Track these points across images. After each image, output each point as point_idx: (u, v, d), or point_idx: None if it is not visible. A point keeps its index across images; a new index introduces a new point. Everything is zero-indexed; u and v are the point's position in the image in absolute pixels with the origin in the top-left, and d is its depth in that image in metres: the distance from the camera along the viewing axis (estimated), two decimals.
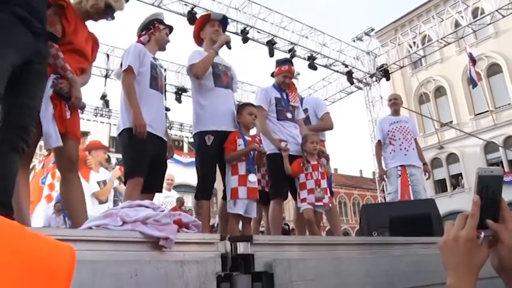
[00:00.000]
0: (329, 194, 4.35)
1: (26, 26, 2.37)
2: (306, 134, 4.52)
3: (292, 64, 4.86)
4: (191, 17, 12.53)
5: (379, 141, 6.23)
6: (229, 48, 4.11)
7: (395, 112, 6.32)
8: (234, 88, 4.26)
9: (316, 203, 4.21)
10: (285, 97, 4.61)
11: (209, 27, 4.20)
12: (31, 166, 3.38)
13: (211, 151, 3.82)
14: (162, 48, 3.97)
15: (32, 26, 2.41)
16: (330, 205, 4.37)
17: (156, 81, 3.74)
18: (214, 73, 4.02)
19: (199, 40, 4.32)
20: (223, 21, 4.35)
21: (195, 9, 12.64)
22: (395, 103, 6.34)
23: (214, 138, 3.83)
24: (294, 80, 4.91)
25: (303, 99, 5.29)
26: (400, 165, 5.82)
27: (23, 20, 2.36)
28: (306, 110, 5.17)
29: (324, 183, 4.29)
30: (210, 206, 3.99)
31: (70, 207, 3.07)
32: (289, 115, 4.54)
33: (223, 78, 4.08)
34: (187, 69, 4.07)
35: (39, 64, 2.46)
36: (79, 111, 3.12)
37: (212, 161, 3.85)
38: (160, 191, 3.95)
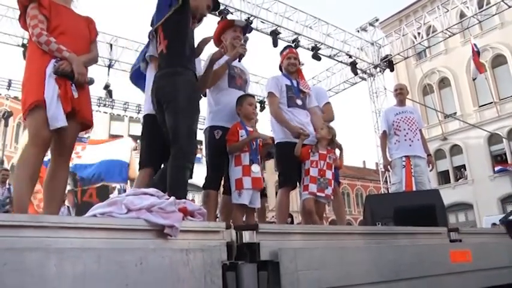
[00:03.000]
0: (333, 186, 4.31)
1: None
2: (322, 122, 4.52)
3: (292, 47, 4.91)
4: None
5: (384, 131, 6.19)
6: (239, 61, 4.12)
7: (401, 102, 6.26)
8: (247, 91, 4.33)
9: (318, 193, 4.18)
10: (295, 84, 4.59)
11: (231, 32, 4.29)
12: None
13: (219, 144, 3.89)
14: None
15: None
16: (332, 197, 4.34)
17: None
18: (230, 75, 4.13)
19: (219, 41, 4.35)
20: (245, 28, 4.43)
21: None
22: (401, 93, 6.28)
23: (222, 133, 3.93)
24: None
25: None
26: (405, 156, 5.78)
27: (195, 78, 3.29)
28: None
29: (328, 174, 4.25)
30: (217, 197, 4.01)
31: (48, 192, 3.04)
32: (299, 102, 4.51)
33: (237, 80, 4.19)
34: None
35: None
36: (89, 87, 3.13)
37: (220, 153, 3.89)
38: None
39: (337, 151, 4.50)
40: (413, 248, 2.60)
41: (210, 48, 4.21)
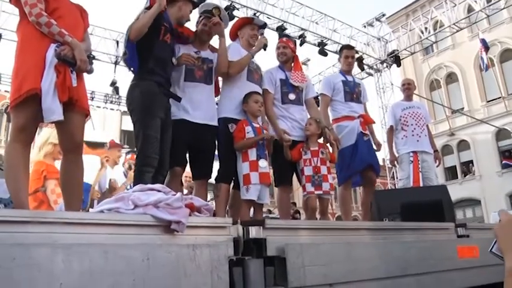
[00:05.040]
0: (330, 181, 4.24)
1: (162, 90, 3.52)
2: (310, 117, 4.47)
3: (285, 37, 4.89)
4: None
5: (391, 126, 6.14)
6: (265, 50, 4.23)
7: (408, 97, 6.22)
8: (260, 85, 4.32)
9: (316, 192, 4.15)
10: (289, 77, 4.50)
11: (249, 30, 4.30)
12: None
13: (232, 138, 3.88)
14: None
15: (165, 88, 3.60)
16: (332, 192, 4.28)
17: (193, 73, 3.88)
18: (249, 68, 4.14)
19: (234, 36, 4.42)
20: (262, 27, 4.48)
21: None
22: (408, 88, 6.24)
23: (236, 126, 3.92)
24: (303, 66, 4.85)
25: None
26: (412, 151, 5.74)
27: (160, 86, 3.50)
28: (359, 85, 5.31)
29: (323, 170, 4.19)
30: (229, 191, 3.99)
31: (66, 190, 2.92)
32: (291, 96, 4.43)
33: (254, 74, 4.21)
34: None
35: (168, 117, 3.59)
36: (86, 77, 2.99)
37: (233, 146, 3.87)
38: (209, 177, 3.98)
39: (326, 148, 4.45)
40: (420, 244, 2.60)
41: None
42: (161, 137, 3.43)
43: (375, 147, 5.05)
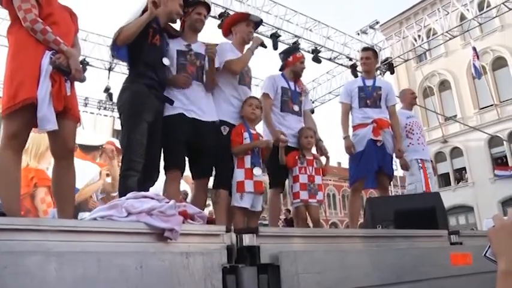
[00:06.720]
0: (323, 191, 4.32)
1: (153, 93, 3.43)
2: (302, 128, 4.47)
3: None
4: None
5: None
6: (265, 47, 4.21)
7: (411, 106, 6.27)
8: (250, 88, 4.29)
9: (310, 200, 4.21)
10: (293, 88, 4.51)
11: (244, 26, 4.19)
12: None
13: (227, 140, 3.81)
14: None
15: (157, 91, 3.49)
16: (324, 201, 4.35)
17: (185, 68, 3.72)
18: (241, 72, 4.09)
19: (227, 32, 4.33)
20: (258, 24, 4.43)
21: None
22: (416, 97, 6.33)
23: (229, 129, 3.86)
24: None
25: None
26: (420, 159, 5.77)
27: (151, 88, 3.41)
28: (379, 88, 5.12)
29: (318, 180, 4.28)
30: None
31: (59, 196, 2.92)
32: (296, 108, 4.46)
33: (246, 77, 4.17)
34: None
35: (158, 121, 3.45)
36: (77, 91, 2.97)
37: (229, 149, 3.80)
38: (210, 175, 3.84)
39: (323, 158, 4.50)
40: (413, 251, 2.60)
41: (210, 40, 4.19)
42: (149, 142, 3.32)
43: (389, 151, 4.98)
